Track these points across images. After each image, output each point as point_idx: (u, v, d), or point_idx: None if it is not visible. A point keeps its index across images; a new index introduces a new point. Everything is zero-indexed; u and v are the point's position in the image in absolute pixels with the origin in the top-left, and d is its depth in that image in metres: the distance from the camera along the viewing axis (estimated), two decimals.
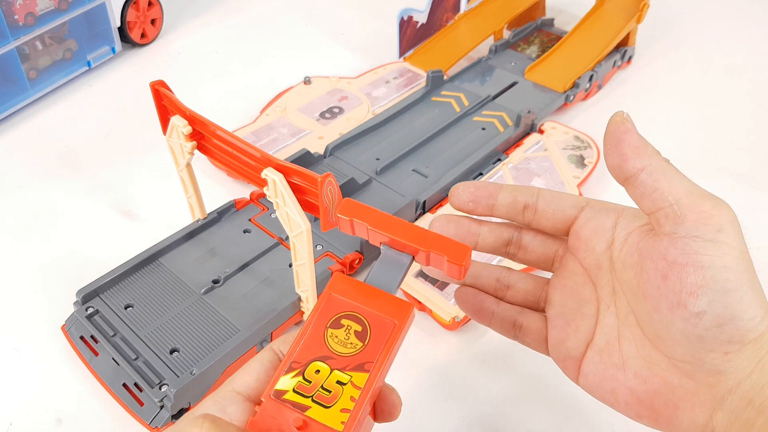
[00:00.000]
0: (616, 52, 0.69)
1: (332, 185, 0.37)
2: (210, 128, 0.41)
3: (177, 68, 0.72)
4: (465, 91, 0.63)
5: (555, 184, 0.53)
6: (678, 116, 0.66)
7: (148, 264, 0.45)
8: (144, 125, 0.63)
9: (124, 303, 0.43)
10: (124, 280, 0.44)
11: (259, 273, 0.45)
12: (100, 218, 0.54)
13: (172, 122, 0.42)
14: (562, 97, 0.63)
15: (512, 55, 0.70)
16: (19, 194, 0.56)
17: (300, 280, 0.42)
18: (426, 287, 0.45)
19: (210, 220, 0.48)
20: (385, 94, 0.64)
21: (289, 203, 0.38)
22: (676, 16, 0.81)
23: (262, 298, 0.44)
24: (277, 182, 0.37)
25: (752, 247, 0.49)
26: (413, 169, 0.54)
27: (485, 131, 0.58)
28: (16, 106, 0.64)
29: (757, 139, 0.63)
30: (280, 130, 0.59)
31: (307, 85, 0.65)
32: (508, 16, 0.73)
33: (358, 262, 0.47)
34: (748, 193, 0.56)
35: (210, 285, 0.44)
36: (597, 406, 0.30)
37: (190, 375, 0.38)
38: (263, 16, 0.82)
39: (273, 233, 0.48)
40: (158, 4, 0.75)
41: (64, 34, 0.67)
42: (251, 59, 0.74)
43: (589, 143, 0.57)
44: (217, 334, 0.41)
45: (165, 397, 0.37)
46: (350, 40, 0.77)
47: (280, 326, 0.43)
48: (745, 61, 0.74)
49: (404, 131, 0.58)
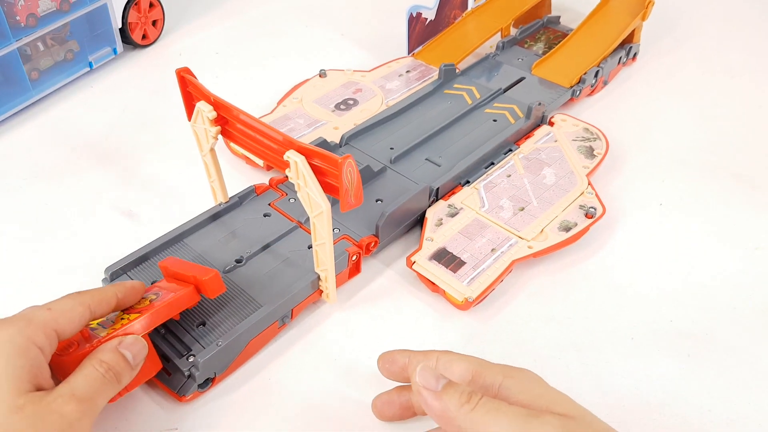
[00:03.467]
0: (622, 49, 0.71)
1: (352, 167, 0.39)
2: (234, 113, 0.42)
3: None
4: (476, 84, 0.65)
5: (565, 174, 0.54)
6: (681, 114, 0.67)
7: (174, 244, 0.47)
8: (145, 126, 0.64)
9: (151, 280, 0.45)
10: (150, 259, 0.46)
11: (279, 254, 0.47)
12: (101, 218, 0.54)
13: (197, 107, 0.43)
14: (568, 92, 0.65)
15: (519, 52, 0.72)
16: (19, 194, 0.56)
17: (319, 260, 0.44)
18: (440, 269, 0.47)
19: (231, 204, 0.50)
20: (398, 86, 0.66)
21: (310, 184, 0.39)
22: (681, 14, 0.83)
23: (282, 277, 0.45)
24: (299, 164, 0.39)
25: (752, 247, 0.51)
26: (426, 158, 0.56)
27: (496, 123, 0.60)
28: (18, 107, 0.64)
29: (755, 138, 0.64)
30: (296, 120, 0.61)
31: (322, 78, 0.67)
32: (515, 14, 0.75)
33: (374, 245, 0.49)
34: (749, 193, 0.57)
35: (233, 264, 0.46)
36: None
37: (216, 346, 0.40)
38: (264, 17, 0.82)
39: (292, 217, 0.50)
40: (159, 6, 0.75)
41: (66, 35, 0.67)
42: (252, 60, 0.74)
43: (598, 135, 0.59)
44: (241, 309, 0.43)
45: (193, 367, 0.39)
46: (354, 38, 0.78)
47: (300, 303, 0.45)
48: (749, 59, 0.75)
49: (417, 122, 0.60)
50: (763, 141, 0.63)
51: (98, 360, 0.34)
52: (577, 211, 0.51)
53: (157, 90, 0.69)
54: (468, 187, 0.53)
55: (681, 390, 0.42)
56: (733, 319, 0.46)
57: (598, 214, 0.51)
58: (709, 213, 0.55)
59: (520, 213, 0.51)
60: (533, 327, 0.46)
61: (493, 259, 0.47)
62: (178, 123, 0.64)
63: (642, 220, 0.54)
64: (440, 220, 0.51)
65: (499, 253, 0.48)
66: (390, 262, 0.51)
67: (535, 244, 0.48)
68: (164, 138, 0.63)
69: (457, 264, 0.47)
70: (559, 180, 0.54)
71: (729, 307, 0.47)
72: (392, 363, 0.38)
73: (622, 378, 0.42)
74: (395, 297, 0.48)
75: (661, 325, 0.46)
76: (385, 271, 0.50)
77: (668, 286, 0.49)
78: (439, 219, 0.51)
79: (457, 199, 0.52)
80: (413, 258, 0.48)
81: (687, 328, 0.45)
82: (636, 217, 0.54)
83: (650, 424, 0.40)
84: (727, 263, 0.50)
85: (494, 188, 0.53)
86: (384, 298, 0.48)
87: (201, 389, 0.40)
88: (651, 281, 0.49)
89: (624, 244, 0.52)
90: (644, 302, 0.47)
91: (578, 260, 0.51)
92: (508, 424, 0.30)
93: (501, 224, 0.50)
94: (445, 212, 0.51)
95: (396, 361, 0.38)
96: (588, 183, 0.54)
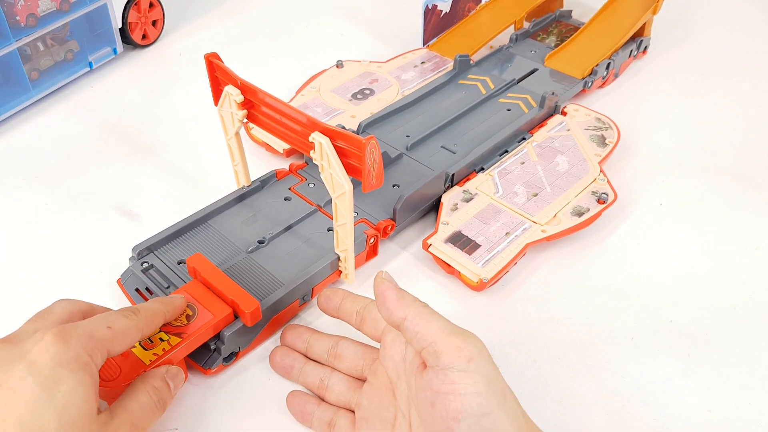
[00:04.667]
0: (633, 42, 0.72)
1: (375, 148, 0.40)
2: (260, 96, 0.44)
3: (178, 69, 0.73)
4: (490, 75, 0.66)
5: (578, 161, 0.56)
6: (690, 108, 0.68)
7: (198, 225, 0.49)
8: (145, 126, 0.64)
9: (177, 259, 0.46)
10: (176, 239, 0.48)
11: (300, 235, 0.49)
12: (101, 219, 0.54)
13: (225, 91, 0.45)
14: (580, 83, 0.66)
15: (532, 44, 0.73)
16: (20, 195, 0.56)
17: (339, 240, 0.45)
18: (455, 252, 0.48)
19: (254, 187, 0.52)
20: (414, 77, 0.67)
21: (334, 165, 0.41)
22: (691, 8, 0.84)
23: (303, 257, 0.47)
24: (324, 145, 0.40)
25: (752, 247, 0.52)
26: (442, 145, 0.57)
27: (510, 112, 0.61)
28: (18, 107, 0.64)
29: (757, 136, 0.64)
30: (314, 109, 0.62)
31: (339, 69, 0.68)
32: (528, 7, 0.76)
33: (391, 228, 0.50)
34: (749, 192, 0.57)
35: (256, 245, 0.47)
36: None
37: (241, 322, 0.41)
38: (265, 17, 0.83)
39: (311, 201, 0.51)
40: (159, 6, 0.75)
41: (66, 35, 0.67)
42: (253, 60, 0.74)
43: (609, 124, 0.60)
44: (264, 287, 0.44)
45: (218, 341, 0.41)
46: (365, 30, 0.79)
47: (320, 283, 0.46)
48: (759, 56, 0.76)
49: (433, 111, 0.62)
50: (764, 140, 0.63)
51: (152, 387, 0.35)
52: (590, 197, 0.52)
53: (157, 90, 0.69)
54: (483, 174, 0.55)
55: (681, 390, 0.42)
56: (733, 319, 0.46)
57: (610, 200, 0.52)
58: (709, 213, 0.55)
59: (534, 198, 0.52)
60: (545, 311, 0.47)
61: (507, 242, 0.49)
62: (178, 123, 0.64)
63: (642, 220, 0.54)
64: (455, 205, 0.52)
65: (513, 237, 0.49)
66: (406, 245, 0.52)
67: (549, 228, 0.50)
68: (164, 138, 0.63)
69: (473, 247, 0.48)
70: (572, 167, 0.55)
71: (729, 307, 0.47)
72: (328, 300, 0.42)
73: (622, 378, 0.42)
74: (411, 278, 0.49)
75: (661, 325, 0.46)
76: (402, 254, 0.51)
77: (668, 285, 0.49)
78: (455, 204, 0.52)
79: (472, 185, 0.54)
80: (429, 241, 0.49)
81: (687, 328, 0.46)
82: (636, 217, 0.55)
83: (650, 424, 0.40)
84: (727, 263, 0.51)
85: (508, 175, 0.55)
86: (400, 279, 0.48)
87: (225, 363, 0.42)
88: (651, 281, 0.49)
89: (624, 244, 0.52)
90: (644, 302, 0.48)
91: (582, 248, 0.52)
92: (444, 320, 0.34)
93: (515, 209, 0.51)
94: (460, 197, 0.53)
95: (331, 299, 0.42)
96: (600, 170, 0.55)
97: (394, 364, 0.37)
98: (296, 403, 0.40)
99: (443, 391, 0.32)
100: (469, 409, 0.31)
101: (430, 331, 0.33)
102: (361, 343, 0.41)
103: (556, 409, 0.41)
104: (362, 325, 0.40)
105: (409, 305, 0.34)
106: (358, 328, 0.40)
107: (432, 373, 0.32)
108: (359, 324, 0.40)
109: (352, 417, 0.38)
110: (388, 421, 0.36)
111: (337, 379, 0.40)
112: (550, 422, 0.40)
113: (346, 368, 0.40)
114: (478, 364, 0.32)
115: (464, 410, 0.31)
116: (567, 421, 0.40)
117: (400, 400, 0.36)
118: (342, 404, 0.39)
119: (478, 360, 0.32)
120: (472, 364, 0.32)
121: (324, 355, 0.41)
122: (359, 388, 0.39)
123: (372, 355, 0.40)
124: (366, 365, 0.40)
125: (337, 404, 0.40)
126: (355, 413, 0.38)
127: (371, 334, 0.40)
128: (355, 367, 0.40)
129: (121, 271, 0.47)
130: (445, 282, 0.49)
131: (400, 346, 0.37)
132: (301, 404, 0.40)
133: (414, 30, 0.74)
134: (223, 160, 0.57)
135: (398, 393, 0.36)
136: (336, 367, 0.41)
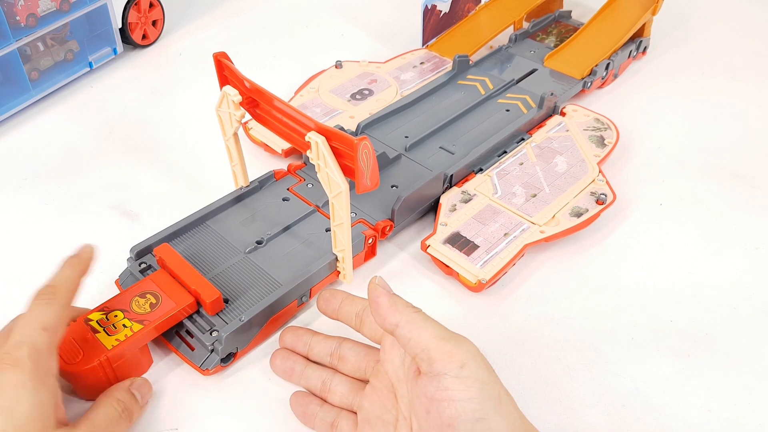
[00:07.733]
0: (632, 42, 0.72)
1: (368, 148, 0.40)
2: (265, 96, 0.44)
3: (178, 69, 0.73)
4: (489, 75, 0.66)
5: (577, 162, 0.56)
6: (690, 108, 0.67)
7: (196, 226, 0.49)
8: (145, 126, 0.64)
9: None
10: (174, 240, 0.48)
11: (298, 236, 0.49)
12: (101, 218, 0.54)
13: (223, 92, 0.45)
14: (579, 83, 0.66)
15: (531, 45, 0.73)
16: (20, 195, 0.56)
17: (337, 240, 0.45)
18: (454, 253, 0.48)
19: (252, 188, 0.52)
20: (413, 77, 0.67)
21: (330, 164, 0.41)
22: (691, 9, 0.84)
23: (301, 257, 0.47)
24: (319, 144, 0.40)
25: (752, 247, 0.52)
26: (440, 146, 0.57)
27: (509, 112, 0.61)
28: (18, 107, 0.64)
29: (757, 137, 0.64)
30: (313, 109, 0.62)
31: (338, 69, 0.68)
32: (528, 7, 0.76)
33: (390, 228, 0.50)
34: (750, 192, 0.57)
35: (254, 245, 0.47)
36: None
37: (239, 321, 0.41)
38: (265, 18, 0.82)
39: (310, 201, 0.51)
40: (159, 6, 0.75)
41: (66, 35, 0.67)
42: (252, 60, 0.74)
43: (608, 125, 0.60)
44: (262, 288, 0.44)
45: (216, 341, 0.41)
46: (365, 30, 0.79)
47: (318, 283, 0.46)
48: (759, 57, 0.76)
49: (431, 111, 0.61)
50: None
51: (116, 399, 0.37)
52: (589, 198, 0.52)
53: (157, 90, 0.69)
54: (481, 175, 0.55)
55: (681, 390, 0.42)
56: (733, 319, 0.46)
57: (609, 200, 0.52)
58: (709, 213, 0.55)
59: (533, 199, 0.52)
60: (545, 310, 0.47)
61: (506, 243, 0.49)
62: (178, 123, 0.64)
63: (641, 220, 0.54)
64: (454, 206, 0.52)
65: (511, 238, 0.49)
66: (405, 245, 0.52)
67: (547, 228, 0.50)
68: (164, 138, 0.63)
69: (471, 248, 0.48)
70: (571, 168, 0.55)
71: (729, 307, 0.47)
72: (327, 302, 0.42)
73: (622, 378, 0.42)
74: (409, 279, 0.49)
75: (661, 325, 0.46)
76: (400, 254, 0.51)
77: (668, 286, 0.49)
78: (453, 205, 0.52)
79: (471, 186, 0.54)
80: (428, 242, 0.49)
81: (687, 328, 0.46)
82: (636, 218, 0.54)
83: (650, 424, 0.40)
84: (727, 263, 0.51)
85: (507, 175, 0.55)
86: (398, 280, 0.49)
87: (223, 363, 0.42)
88: (651, 281, 0.49)
89: (623, 244, 0.52)
90: (644, 302, 0.48)
91: (582, 248, 0.51)
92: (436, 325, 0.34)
93: (513, 210, 0.51)
94: (458, 198, 0.53)
95: (330, 301, 0.42)
96: (599, 171, 0.55)
97: (394, 368, 0.37)
98: (299, 403, 0.40)
99: (437, 398, 0.32)
100: (464, 416, 0.31)
101: (422, 338, 0.33)
102: (364, 345, 0.41)
103: (556, 409, 0.41)
104: (362, 327, 0.40)
105: (402, 311, 0.34)
106: (358, 330, 0.40)
107: (426, 380, 0.32)
108: (359, 326, 0.40)
109: (355, 419, 0.38)
110: (389, 423, 0.36)
111: (339, 381, 0.40)
112: (550, 422, 0.40)
113: (349, 370, 0.40)
114: (471, 369, 0.32)
115: (458, 417, 0.31)
116: (567, 421, 0.40)
117: (402, 403, 0.36)
118: (344, 406, 0.39)
119: (470, 365, 0.32)
120: (464, 370, 0.32)
121: (326, 357, 0.41)
122: (361, 390, 0.39)
123: (375, 356, 0.40)
124: (369, 367, 0.40)
125: (339, 406, 0.40)
126: (357, 415, 0.38)
127: (371, 336, 0.40)
128: (357, 368, 0.40)
129: (119, 271, 0.47)
130: (444, 283, 0.49)
131: (399, 350, 0.37)
132: (304, 405, 0.40)
133: (413, 30, 0.74)
134: (221, 161, 0.57)
135: (399, 396, 0.36)
136: (339, 368, 0.41)
